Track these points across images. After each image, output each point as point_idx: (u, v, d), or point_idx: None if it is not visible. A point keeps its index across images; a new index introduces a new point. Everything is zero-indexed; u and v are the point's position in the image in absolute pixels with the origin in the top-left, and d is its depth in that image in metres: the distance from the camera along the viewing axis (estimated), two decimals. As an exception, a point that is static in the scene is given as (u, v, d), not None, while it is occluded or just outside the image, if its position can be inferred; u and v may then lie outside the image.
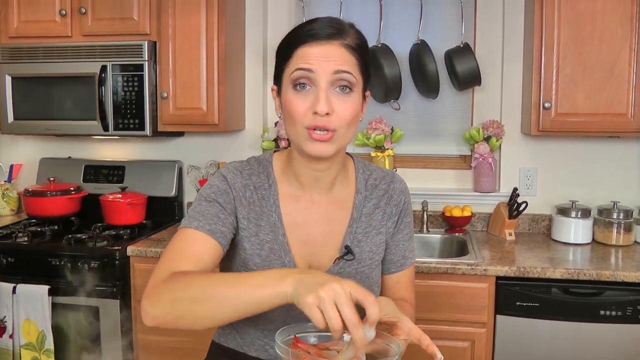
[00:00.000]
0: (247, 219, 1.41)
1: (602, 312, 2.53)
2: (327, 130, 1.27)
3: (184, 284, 1.18)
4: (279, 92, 1.36)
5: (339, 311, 0.98)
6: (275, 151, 1.51)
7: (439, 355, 1.14)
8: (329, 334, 1.05)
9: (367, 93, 1.39)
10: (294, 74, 1.28)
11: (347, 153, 1.51)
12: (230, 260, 1.46)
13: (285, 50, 1.32)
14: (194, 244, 1.32)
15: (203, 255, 1.31)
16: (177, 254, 1.31)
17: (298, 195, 1.44)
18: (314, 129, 1.27)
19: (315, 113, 1.26)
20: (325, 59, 1.26)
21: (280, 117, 1.38)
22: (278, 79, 1.35)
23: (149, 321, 1.21)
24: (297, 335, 1.13)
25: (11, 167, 3.68)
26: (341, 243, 1.45)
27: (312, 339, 1.15)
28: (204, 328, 1.19)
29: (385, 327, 1.16)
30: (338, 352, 1.10)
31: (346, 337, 1.08)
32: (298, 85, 1.28)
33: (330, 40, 1.27)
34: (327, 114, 1.26)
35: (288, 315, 1.34)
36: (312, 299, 1.00)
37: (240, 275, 1.19)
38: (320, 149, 1.30)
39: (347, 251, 1.43)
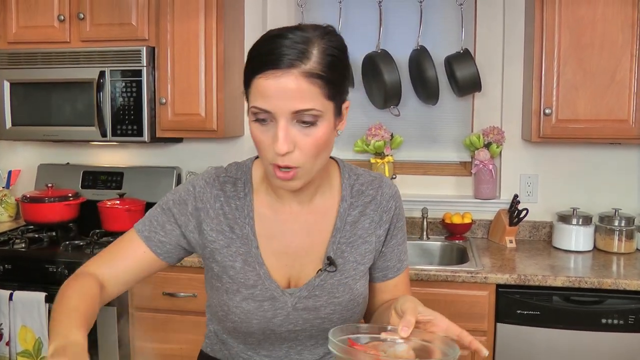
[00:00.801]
0: (216, 231, 1.36)
1: (603, 321, 2.51)
2: (290, 168, 1.20)
3: (67, 288, 1.28)
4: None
5: None
6: (257, 157, 1.42)
7: (485, 351, 1.10)
8: (380, 336, 1.09)
9: (346, 104, 1.28)
10: (253, 109, 1.19)
11: (331, 157, 1.43)
12: (207, 273, 1.44)
13: (245, 73, 1.22)
14: (125, 248, 1.39)
15: (126, 261, 1.37)
16: (106, 255, 1.39)
17: (276, 206, 1.38)
18: (278, 167, 1.21)
19: (275, 151, 1.18)
20: (283, 97, 1.14)
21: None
22: (245, 94, 1.25)
23: None
24: (350, 337, 1.11)
25: (9, 173, 3.66)
26: (324, 254, 1.38)
27: (363, 340, 1.13)
28: None
29: (419, 326, 1.13)
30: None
31: (398, 340, 1.09)
32: (258, 119, 1.19)
33: (289, 70, 1.14)
34: (289, 151, 1.17)
35: (267, 327, 1.35)
36: None
37: (68, 312, 1.21)
38: (286, 185, 1.25)
39: (329, 262, 1.37)
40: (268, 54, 1.16)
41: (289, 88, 1.14)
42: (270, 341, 1.38)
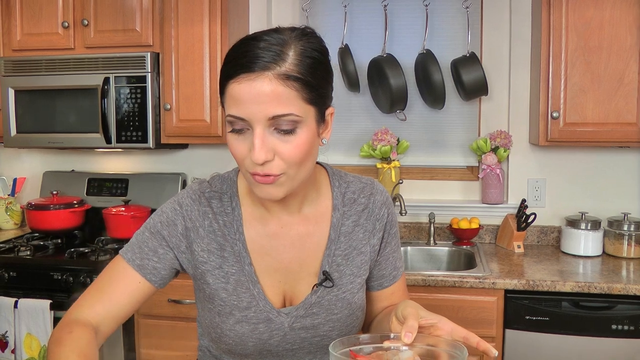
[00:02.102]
0: (207, 251, 1.30)
1: (613, 327, 2.48)
2: (269, 176, 1.13)
3: (54, 342, 1.21)
4: None
5: None
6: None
7: (494, 351, 1.06)
8: (383, 345, 1.06)
9: (330, 111, 1.22)
10: (228, 118, 1.13)
11: (318, 163, 1.38)
12: (197, 292, 1.39)
13: (220, 79, 1.16)
14: (117, 281, 1.29)
15: (120, 295, 1.28)
16: (98, 291, 1.29)
17: (265, 218, 1.32)
18: (255, 175, 1.14)
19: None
20: (258, 102, 1.08)
21: None
22: (222, 103, 1.19)
23: None
24: (352, 349, 1.08)
25: (14, 180, 3.66)
26: (318, 268, 1.32)
27: (366, 350, 1.10)
28: None
29: (422, 330, 1.10)
30: None
31: (403, 348, 1.07)
32: (234, 129, 1.14)
33: (262, 72, 1.08)
34: (267, 160, 1.11)
35: (263, 348, 1.30)
36: None
37: None
38: (267, 194, 1.17)
39: (325, 277, 1.31)
40: (241, 57, 1.10)
41: (264, 92, 1.08)
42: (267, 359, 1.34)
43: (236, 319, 1.29)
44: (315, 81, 1.13)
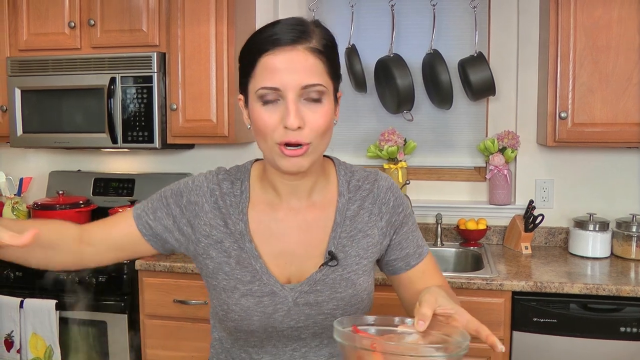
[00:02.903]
0: (209, 225, 1.37)
1: (622, 329, 2.46)
2: (300, 145, 1.22)
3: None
4: (246, 103, 1.30)
5: None
6: (257, 159, 1.46)
7: (500, 346, 1.07)
8: (387, 327, 1.09)
9: (339, 94, 1.33)
10: (260, 92, 1.21)
11: (325, 156, 1.44)
12: (202, 273, 1.44)
13: (248, 59, 1.25)
14: (117, 218, 1.42)
15: (114, 228, 1.40)
16: (100, 220, 1.44)
17: (275, 203, 1.39)
18: (286, 145, 1.22)
19: (286, 127, 1.20)
20: (291, 71, 1.19)
21: (249, 127, 1.32)
22: (244, 89, 1.29)
23: None
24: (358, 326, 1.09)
25: (21, 180, 3.66)
26: (324, 250, 1.38)
27: (372, 331, 1.11)
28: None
29: (440, 319, 1.11)
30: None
31: (410, 332, 1.08)
32: (265, 100, 1.22)
33: (294, 46, 1.20)
34: (299, 127, 1.20)
35: (268, 324, 1.34)
36: None
37: None
38: (294, 165, 1.24)
39: (331, 256, 1.36)
40: (272, 36, 1.21)
41: (299, 61, 1.20)
42: (273, 342, 1.36)
43: (241, 293, 1.33)
44: (334, 59, 1.28)
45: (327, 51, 1.24)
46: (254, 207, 1.38)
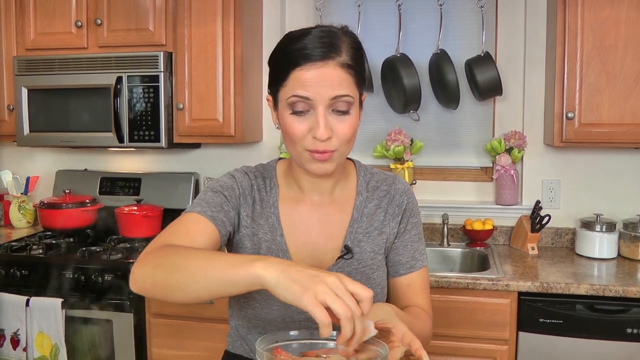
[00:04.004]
0: (250, 217, 1.45)
1: (628, 330, 2.45)
2: (326, 152, 1.30)
3: (168, 252, 1.20)
4: (275, 106, 1.36)
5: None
6: (280, 158, 1.55)
7: (425, 359, 1.11)
8: (313, 341, 1.12)
9: (364, 97, 1.39)
10: (291, 99, 1.27)
11: (347, 157, 1.51)
12: None
13: (280, 70, 1.30)
14: (193, 225, 1.35)
15: (199, 235, 1.32)
16: (174, 232, 1.32)
17: (299, 198, 1.47)
18: (315, 152, 1.30)
19: (315, 138, 1.28)
20: (322, 85, 1.25)
21: (277, 127, 1.38)
22: (274, 94, 1.35)
23: (133, 285, 1.23)
24: (279, 345, 1.10)
25: (27, 179, 3.67)
26: (342, 244, 1.46)
27: (295, 346, 1.13)
28: (182, 301, 1.18)
29: (380, 334, 1.13)
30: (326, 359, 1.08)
31: (331, 344, 1.09)
32: (295, 110, 1.28)
33: (326, 61, 1.26)
34: (329, 137, 1.27)
35: (286, 314, 1.39)
36: (310, 297, 0.98)
37: (220, 253, 1.17)
38: (321, 168, 1.33)
39: (347, 250, 1.45)
40: (303, 49, 1.27)
41: (330, 76, 1.25)
42: None
43: None
44: (362, 70, 1.33)
45: (356, 63, 1.30)
46: (282, 201, 1.47)
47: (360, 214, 1.48)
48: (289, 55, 1.28)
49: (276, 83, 1.32)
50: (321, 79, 1.25)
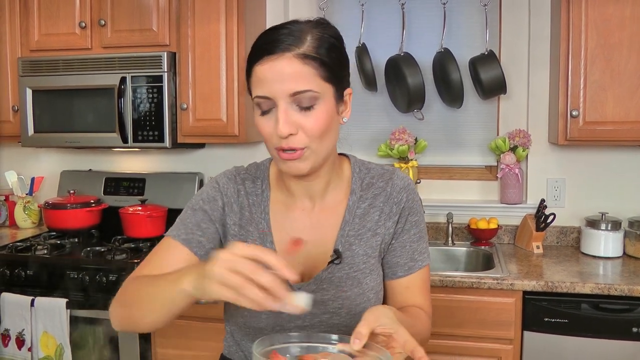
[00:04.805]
0: (237, 225, 1.41)
1: (634, 329, 2.44)
2: (295, 150, 1.24)
3: (129, 287, 1.27)
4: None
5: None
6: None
7: None
8: (313, 344, 1.10)
9: (348, 91, 1.33)
10: (255, 100, 1.25)
11: (342, 154, 1.48)
12: None
13: (246, 67, 1.28)
14: (166, 253, 1.37)
15: (172, 263, 1.32)
16: (148, 263, 1.36)
17: (289, 203, 1.41)
18: (282, 150, 1.24)
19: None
20: (280, 80, 1.20)
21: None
22: (250, 96, 1.31)
23: (113, 325, 1.30)
24: (276, 348, 1.09)
25: (32, 180, 3.68)
26: (332, 248, 1.39)
27: (295, 350, 1.11)
28: (149, 330, 1.24)
29: (382, 340, 1.10)
30: None
31: (331, 348, 1.09)
32: (263, 110, 1.25)
33: (283, 54, 1.20)
34: (291, 134, 1.22)
35: (276, 322, 1.35)
36: (215, 284, 0.99)
37: (167, 274, 1.20)
38: (292, 168, 1.28)
39: (337, 255, 1.37)
40: (264, 43, 1.22)
41: (285, 70, 1.19)
42: None
43: None
44: (331, 61, 1.24)
45: (322, 53, 1.23)
46: (273, 206, 1.42)
47: (352, 216, 1.40)
48: (253, 50, 1.25)
49: (248, 84, 1.29)
50: (277, 74, 1.20)
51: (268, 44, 1.22)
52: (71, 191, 3.34)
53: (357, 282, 1.37)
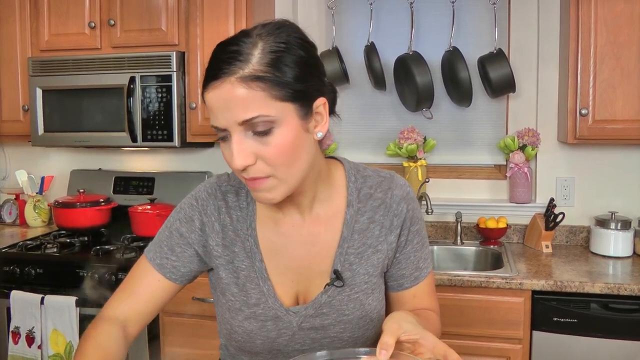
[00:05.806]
0: (221, 246, 1.30)
1: (644, 329, 2.43)
2: (256, 179, 1.12)
3: (80, 346, 1.25)
4: None
5: None
6: None
7: None
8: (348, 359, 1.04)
9: (321, 102, 1.16)
10: (213, 128, 1.13)
11: (335, 158, 1.37)
12: (211, 288, 1.39)
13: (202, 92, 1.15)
14: (140, 279, 1.33)
15: (144, 294, 1.31)
16: (124, 290, 1.34)
17: (277, 217, 1.29)
18: (245, 180, 1.15)
19: None
20: (226, 108, 1.07)
21: None
22: None
23: None
24: None
25: (42, 179, 3.70)
26: (330, 267, 1.28)
27: None
28: None
29: (407, 347, 1.06)
30: None
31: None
32: (221, 137, 1.12)
33: (225, 79, 1.06)
34: (249, 165, 1.10)
35: (272, 347, 1.29)
36: None
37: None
38: (262, 198, 1.17)
39: (337, 277, 1.26)
40: (209, 68, 1.10)
41: (228, 98, 1.06)
42: None
43: (245, 315, 1.28)
44: (286, 77, 1.08)
45: (271, 70, 1.07)
46: (260, 221, 1.30)
47: (350, 231, 1.28)
48: (205, 73, 1.12)
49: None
50: (221, 102, 1.07)
51: (212, 67, 1.09)
52: (81, 190, 3.35)
53: (360, 304, 1.29)
